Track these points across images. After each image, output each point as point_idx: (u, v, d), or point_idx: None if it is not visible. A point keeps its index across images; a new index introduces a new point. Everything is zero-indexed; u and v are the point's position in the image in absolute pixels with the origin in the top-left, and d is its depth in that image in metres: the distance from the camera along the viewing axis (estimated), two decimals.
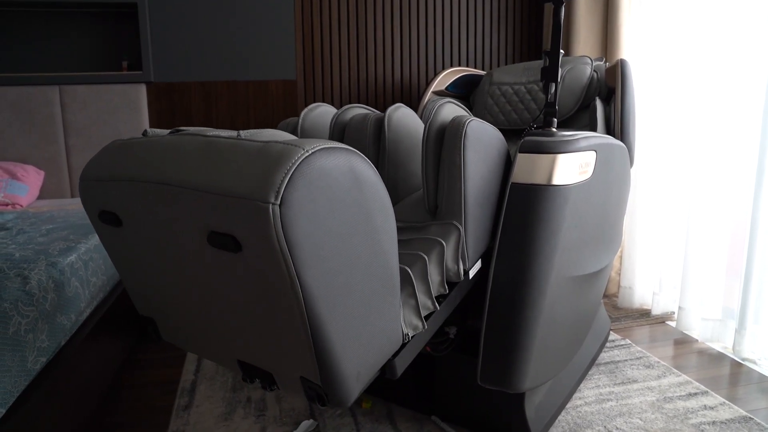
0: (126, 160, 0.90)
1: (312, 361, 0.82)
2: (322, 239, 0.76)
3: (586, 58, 1.94)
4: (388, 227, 0.88)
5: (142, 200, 0.86)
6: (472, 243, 1.21)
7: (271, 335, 0.85)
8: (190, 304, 0.95)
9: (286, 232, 0.70)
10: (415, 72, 3.09)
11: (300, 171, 0.72)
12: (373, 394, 1.67)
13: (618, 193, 1.57)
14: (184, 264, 0.88)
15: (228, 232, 0.75)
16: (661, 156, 2.32)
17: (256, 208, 0.70)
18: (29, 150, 2.60)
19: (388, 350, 0.95)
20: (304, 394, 0.91)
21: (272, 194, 0.69)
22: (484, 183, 1.23)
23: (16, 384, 1.06)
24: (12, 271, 1.23)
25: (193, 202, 0.78)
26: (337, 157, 0.78)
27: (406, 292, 1.04)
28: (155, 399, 1.68)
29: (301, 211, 0.72)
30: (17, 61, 2.67)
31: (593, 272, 1.48)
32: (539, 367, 1.31)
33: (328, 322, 0.79)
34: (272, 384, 0.96)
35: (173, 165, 0.82)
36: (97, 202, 0.96)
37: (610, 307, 2.46)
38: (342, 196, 0.78)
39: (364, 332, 0.87)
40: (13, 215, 2.00)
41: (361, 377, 0.89)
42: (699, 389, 1.67)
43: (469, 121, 1.17)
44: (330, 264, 0.78)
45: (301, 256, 0.73)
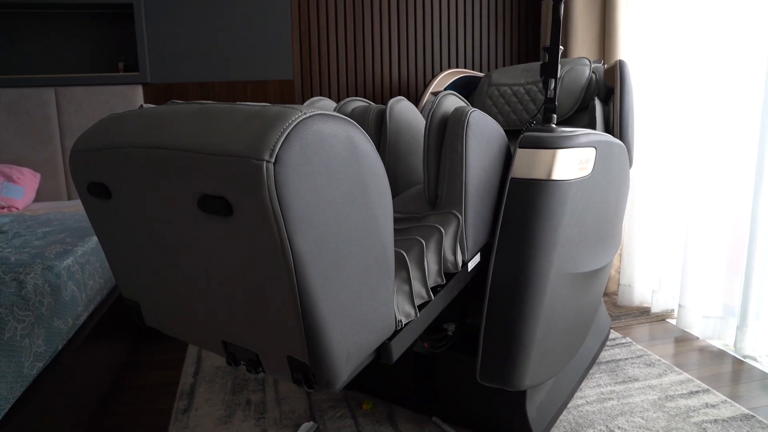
0: (119, 130, 0.88)
1: (300, 337, 0.79)
2: (316, 204, 0.73)
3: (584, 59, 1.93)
4: (384, 204, 0.86)
5: (134, 167, 0.83)
6: (472, 234, 1.20)
7: (259, 309, 0.82)
8: (176, 281, 0.92)
9: (279, 192, 0.68)
10: (413, 73, 3.08)
11: (296, 131, 0.70)
12: (373, 395, 1.66)
13: (617, 192, 1.56)
14: (173, 236, 0.85)
15: (220, 194, 0.73)
16: (660, 153, 2.32)
17: (249, 166, 0.68)
18: (25, 152, 2.59)
19: (379, 334, 0.92)
20: (290, 376, 0.87)
21: (267, 152, 0.68)
22: (484, 175, 1.23)
23: (12, 390, 1.05)
24: (8, 275, 1.22)
25: (186, 164, 0.75)
26: (336, 124, 0.76)
27: (401, 278, 1.02)
28: (154, 402, 1.67)
29: (295, 172, 0.70)
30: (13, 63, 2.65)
31: (593, 270, 1.47)
32: (539, 364, 1.31)
33: (318, 293, 0.76)
34: (258, 366, 0.92)
35: (167, 130, 0.81)
36: (87, 173, 0.94)
37: (610, 305, 2.46)
38: (338, 164, 0.76)
39: (356, 310, 0.84)
40: (9, 218, 1.98)
41: (350, 359, 0.85)
42: (700, 387, 1.67)
43: (471, 111, 1.18)
44: (323, 232, 0.75)
45: (293, 218, 0.70)
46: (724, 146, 2.00)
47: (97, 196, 0.94)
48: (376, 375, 1.64)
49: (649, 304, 2.42)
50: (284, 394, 1.69)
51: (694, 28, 2.11)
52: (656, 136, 2.32)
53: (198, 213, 0.78)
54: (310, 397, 1.67)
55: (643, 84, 2.34)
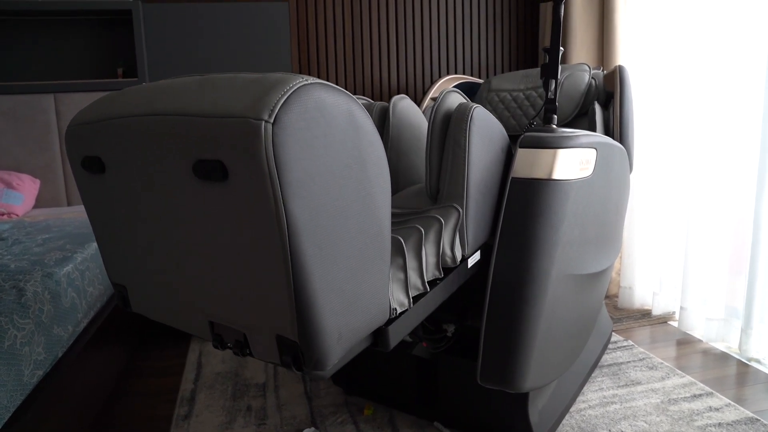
0: (117, 103, 0.88)
1: (290, 312, 0.77)
2: (313, 171, 0.72)
3: (584, 65, 1.94)
4: (382, 183, 0.85)
5: (129, 137, 0.83)
6: (472, 229, 1.20)
7: (250, 283, 0.80)
8: (166, 258, 0.91)
9: (276, 154, 0.67)
10: (412, 79, 3.08)
11: (297, 95, 0.70)
12: (374, 401, 1.66)
13: (618, 196, 1.56)
14: (165, 207, 0.84)
15: (216, 158, 0.72)
16: (660, 155, 2.32)
17: (247, 126, 0.67)
18: (25, 158, 2.59)
19: (372, 317, 0.90)
20: (278, 357, 0.84)
21: (266, 112, 0.67)
22: (486, 172, 1.23)
23: (12, 399, 1.04)
24: (7, 282, 1.21)
25: (182, 129, 0.75)
26: (338, 96, 0.76)
27: (396, 264, 1.00)
28: (154, 408, 1.66)
29: (294, 135, 0.69)
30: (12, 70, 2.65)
31: (594, 273, 1.47)
32: (541, 366, 1.30)
33: (311, 265, 0.75)
34: (245, 348, 0.89)
35: (165, 98, 0.80)
36: (81, 147, 0.93)
37: (611, 307, 2.45)
38: (338, 134, 0.75)
39: (349, 288, 0.82)
40: (8, 225, 1.98)
41: (342, 340, 0.83)
42: (704, 390, 1.66)
43: (475, 106, 1.19)
44: (319, 200, 0.74)
45: (289, 182, 0.69)
46: (724, 147, 2.00)
47: (91, 171, 0.93)
48: (378, 380, 1.63)
49: (650, 306, 2.42)
50: (285, 399, 1.69)
51: (694, 30, 2.11)
52: (656, 139, 2.32)
53: (192, 180, 0.77)
54: (311, 403, 1.66)
55: (642, 87, 2.34)
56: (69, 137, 0.96)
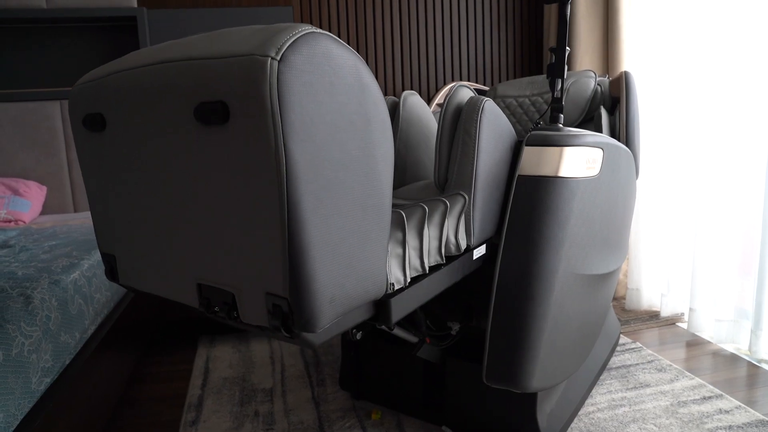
0: (125, 60, 0.88)
1: (283, 265, 0.74)
2: (316, 117, 0.72)
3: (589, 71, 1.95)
4: (385, 147, 0.84)
5: (133, 87, 0.82)
6: (479, 219, 1.20)
7: (243, 234, 0.78)
8: (158, 218, 0.89)
9: (281, 91, 0.67)
10: (417, 86, 3.08)
11: (305, 39, 0.70)
12: (382, 405, 1.65)
13: (624, 198, 1.55)
14: (162, 158, 0.83)
15: (218, 98, 0.72)
16: (666, 156, 2.30)
17: (253, 63, 0.67)
18: (31, 165, 2.60)
19: (368, 286, 0.86)
20: (267, 319, 0.81)
21: (273, 50, 0.67)
22: (494, 165, 1.23)
23: (20, 407, 1.04)
24: (15, 290, 1.22)
25: (186, 73, 0.74)
26: (346, 51, 0.75)
27: (395, 239, 0.98)
28: (162, 414, 1.67)
29: (299, 77, 0.68)
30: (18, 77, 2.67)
31: (601, 274, 1.46)
32: (548, 366, 1.29)
33: (308, 215, 0.72)
34: (233, 310, 0.86)
35: (173, 49, 0.80)
36: (84, 105, 0.93)
37: (618, 309, 2.44)
38: (343, 87, 0.75)
39: (345, 249, 0.79)
40: (15, 232, 1.99)
41: (335, 303, 0.80)
42: (713, 392, 1.65)
43: (486, 99, 1.21)
44: (320, 149, 0.73)
45: (292, 124, 0.68)
46: (732, 148, 1.98)
47: (91, 129, 0.93)
48: (385, 384, 1.63)
49: (658, 308, 2.40)
50: (292, 405, 1.68)
51: (699, 32, 2.10)
52: (663, 140, 2.31)
53: (193, 126, 0.76)
54: (319, 408, 1.66)
55: (647, 91, 2.33)
56: (72, 97, 0.96)
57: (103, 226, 1.04)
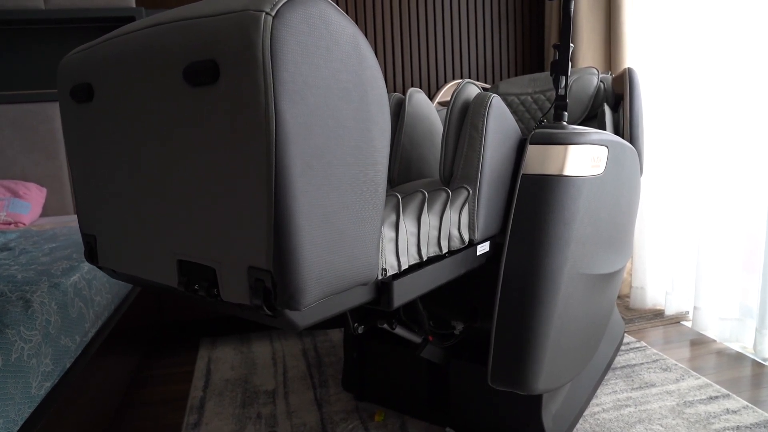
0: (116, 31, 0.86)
1: (268, 236, 0.70)
2: (310, 80, 0.68)
3: (592, 68, 1.93)
4: (381, 123, 0.80)
5: (123, 52, 0.80)
6: (483, 214, 1.18)
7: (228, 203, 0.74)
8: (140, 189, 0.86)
9: (273, 48, 0.63)
10: (418, 85, 3.06)
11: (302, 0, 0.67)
12: (385, 406, 1.64)
13: (629, 196, 1.54)
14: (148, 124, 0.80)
15: (209, 57, 0.68)
16: (670, 154, 2.29)
17: (246, 18, 0.64)
18: (31, 167, 2.59)
19: (359, 267, 0.81)
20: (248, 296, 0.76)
21: (268, 5, 0.64)
22: (499, 162, 1.23)
23: (20, 412, 1.03)
24: (14, 294, 1.20)
25: (177, 33, 0.71)
26: (344, 20, 0.72)
27: (389, 221, 0.93)
28: (164, 417, 1.65)
29: (294, 36, 0.65)
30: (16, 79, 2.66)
31: (606, 274, 1.45)
32: (553, 368, 1.28)
33: (297, 182, 0.68)
34: (214, 287, 0.81)
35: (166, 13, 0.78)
36: (72, 75, 0.91)
37: (623, 308, 2.42)
38: (340, 54, 0.72)
39: (335, 222, 0.75)
40: (15, 234, 1.98)
41: (322, 280, 0.75)
42: (720, 392, 1.63)
43: (493, 95, 1.21)
44: (314, 114, 0.69)
45: (284, 83, 0.65)
46: (735, 145, 1.97)
47: (78, 101, 0.90)
48: (388, 385, 1.61)
49: (663, 306, 2.39)
50: (295, 406, 1.67)
51: (702, 27, 2.09)
52: (667, 138, 2.29)
53: (181, 89, 0.73)
54: (322, 410, 1.65)
55: (650, 88, 2.31)
56: (61, 68, 0.93)
57: (86, 206, 1.01)
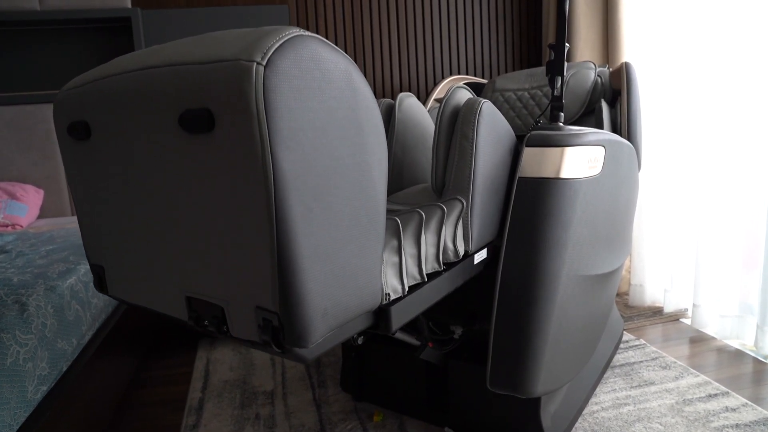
0: (111, 65, 0.86)
1: (272, 277, 0.71)
2: (305, 123, 0.69)
3: (589, 63, 1.91)
4: (378, 153, 0.81)
5: (118, 94, 0.80)
6: (477, 224, 1.17)
7: (231, 246, 0.75)
8: (146, 229, 0.87)
9: (267, 98, 0.64)
10: (415, 81, 3.05)
11: (292, 43, 0.67)
12: (384, 407, 1.63)
13: (627, 194, 1.53)
14: (148, 167, 0.81)
15: (203, 105, 0.69)
16: (669, 150, 2.28)
17: (238, 68, 0.65)
18: (28, 169, 2.58)
19: (363, 297, 0.83)
20: (257, 333, 0.78)
21: (258, 55, 0.65)
22: (493, 170, 1.21)
23: (15, 416, 1.02)
24: (9, 297, 1.20)
25: (171, 79, 0.72)
26: (336, 54, 0.72)
27: (391, 247, 0.94)
28: (162, 418, 1.65)
29: (287, 82, 0.66)
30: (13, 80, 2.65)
31: (605, 273, 1.44)
32: (551, 370, 1.27)
33: (297, 225, 0.70)
34: (223, 324, 0.84)
35: (158, 54, 0.78)
36: (69, 112, 0.91)
37: (621, 305, 2.42)
38: (333, 91, 0.72)
39: (338, 259, 0.76)
40: (12, 237, 1.97)
41: (327, 316, 0.77)
42: (719, 390, 1.63)
43: (484, 101, 1.18)
44: (310, 156, 0.70)
45: (279, 131, 0.66)
46: (735, 141, 1.96)
47: (76, 138, 0.90)
48: (387, 386, 1.61)
49: (662, 303, 2.38)
50: (293, 407, 1.67)
51: (701, 23, 2.08)
52: (664, 134, 2.28)
53: (178, 134, 0.74)
54: (320, 410, 1.64)
55: (649, 83, 2.30)
56: (57, 104, 0.93)
57: (91, 237, 1.02)
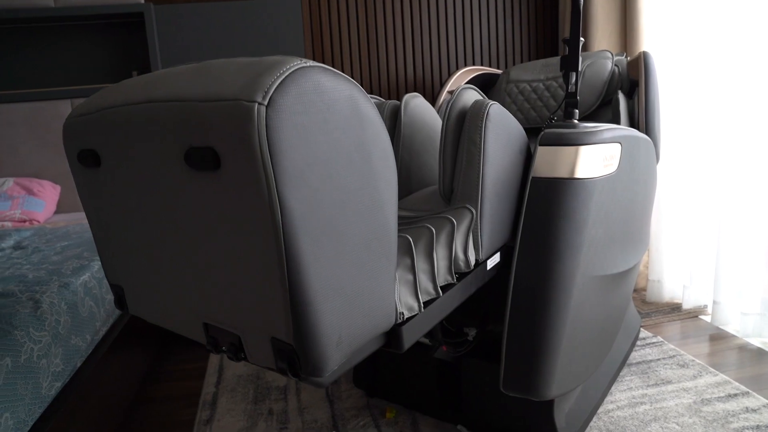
0: (115, 93, 0.86)
1: (285, 314, 0.72)
2: (311, 159, 0.68)
3: (606, 52, 1.86)
4: (388, 176, 0.80)
5: (123, 126, 0.80)
6: (487, 232, 1.15)
7: (243, 280, 0.76)
8: (160, 255, 0.88)
9: (270, 138, 0.63)
10: (429, 72, 3.02)
11: (293, 77, 0.66)
12: (397, 403, 1.63)
13: (645, 189, 1.49)
14: (159, 200, 0.82)
15: (207, 144, 0.69)
16: (688, 143, 2.22)
17: (239, 109, 0.64)
18: (45, 165, 2.61)
19: (377, 320, 0.84)
20: (273, 362, 0.80)
21: (259, 94, 0.64)
22: (503, 173, 1.18)
23: (30, 413, 1.04)
24: (24, 294, 1.21)
25: (175, 115, 0.72)
26: (339, 81, 0.71)
27: (404, 265, 0.94)
28: (176, 413, 1.67)
29: (289, 119, 0.65)
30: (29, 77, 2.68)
31: (621, 272, 1.41)
32: (566, 372, 1.25)
33: (308, 261, 0.70)
34: (240, 352, 0.85)
35: (161, 86, 0.77)
36: (78, 140, 0.91)
37: (639, 301, 2.38)
38: (339, 121, 0.71)
39: (350, 288, 0.77)
40: (30, 232, 2.00)
41: (342, 344, 0.78)
42: (739, 390, 1.59)
43: (491, 104, 1.15)
44: (317, 191, 0.69)
45: (284, 170, 0.65)
46: (758, 131, 1.90)
47: (86, 165, 0.91)
48: (400, 382, 1.60)
49: (681, 300, 2.34)
50: (306, 403, 1.67)
51: (725, 11, 2.01)
52: (684, 127, 2.23)
53: (185, 170, 0.74)
54: (333, 406, 1.64)
55: (668, 75, 2.25)
56: (66, 131, 0.94)
57: (108, 257, 1.03)
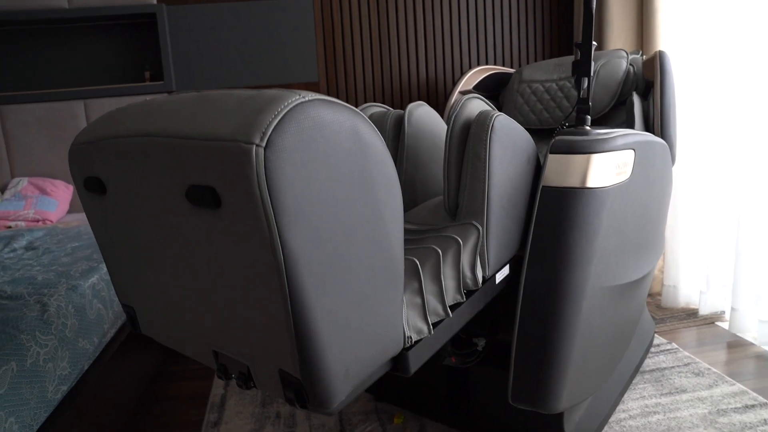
0: (117, 121, 0.86)
1: (292, 349, 0.72)
2: (312, 197, 0.67)
3: (621, 51, 1.82)
4: (392, 204, 0.79)
5: (125, 158, 0.80)
6: (494, 248, 1.12)
7: (249, 315, 0.76)
8: (168, 282, 0.88)
9: (269, 179, 0.63)
10: (441, 71, 2.99)
11: (292, 115, 0.65)
12: (405, 408, 1.62)
13: (659, 194, 1.46)
14: (163, 232, 0.82)
15: (207, 183, 0.68)
16: (706, 144, 2.17)
17: (237, 151, 0.63)
18: (58, 165, 2.64)
19: (384, 349, 0.84)
20: (282, 392, 0.80)
21: (257, 135, 0.63)
22: (510, 185, 1.15)
23: (35, 417, 1.04)
24: (32, 297, 1.22)
25: (175, 151, 0.71)
26: (339, 112, 0.70)
27: (412, 289, 0.94)
28: (185, 414, 1.67)
29: (288, 159, 0.64)
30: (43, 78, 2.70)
31: (634, 280, 1.38)
32: (576, 384, 1.23)
33: (312, 298, 0.70)
34: (249, 381, 0.86)
35: (160, 118, 0.77)
36: (83, 167, 0.92)
37: (653, 307, 2.33)
38: (340, 154, 0.70)
39: (356, 321, 0.77)
40: (42, 232, 2.02)
41: (349, 376, 0.78)
42: (757, 401, 1.55)
43: (497, 115, 1.11)
44: (319, 229, 0.69)
45: (284, 211, 0.65)
46: None
47: (92, 192, 0.91)
48: (408, 387, 1.59)
49: (697, 305, 2.29)
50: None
51: (744, 10, 1.96)
52: (701, 128, 2.18)
53: (187, 206, 0.73)
54: (341, 410, 1.63)
55: (685, 75, 2.20)
56: (71, 157, 0.94)
57: (119, 279, 1.04)
